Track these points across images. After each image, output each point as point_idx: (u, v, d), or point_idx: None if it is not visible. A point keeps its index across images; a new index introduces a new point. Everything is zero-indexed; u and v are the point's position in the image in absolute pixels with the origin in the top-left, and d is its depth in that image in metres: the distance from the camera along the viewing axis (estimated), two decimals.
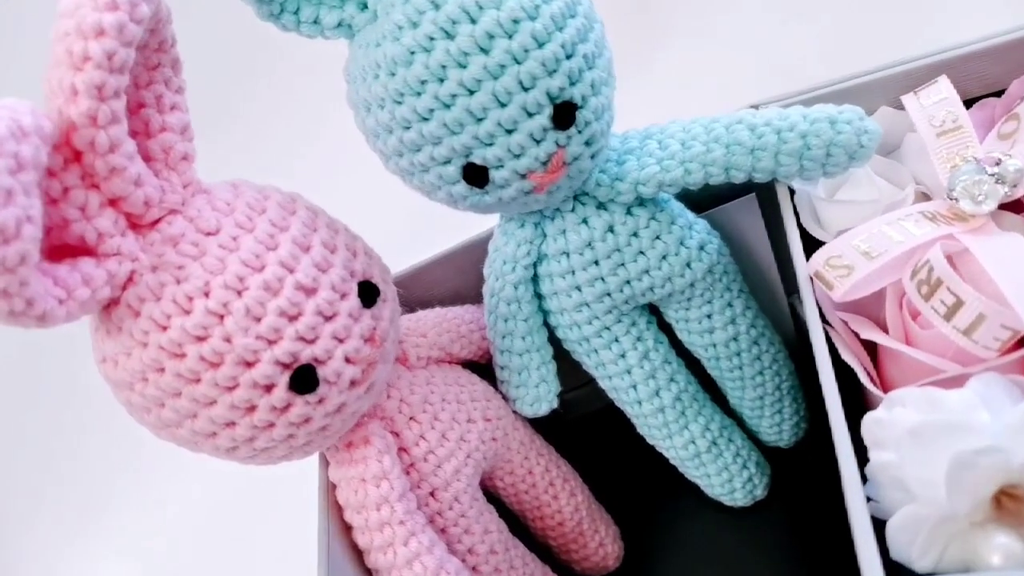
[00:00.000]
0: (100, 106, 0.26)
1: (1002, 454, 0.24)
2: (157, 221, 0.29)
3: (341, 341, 0.30)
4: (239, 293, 0.28)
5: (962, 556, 0.25)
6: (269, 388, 0.29)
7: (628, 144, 0.37)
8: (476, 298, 0.44)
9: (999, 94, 0.37)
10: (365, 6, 0.32)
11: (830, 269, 0.32)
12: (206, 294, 0.28)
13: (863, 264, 0.31)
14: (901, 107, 0.38)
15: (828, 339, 0.33)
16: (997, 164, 0.32)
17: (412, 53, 0.31)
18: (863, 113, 0.35)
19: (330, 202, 0.35)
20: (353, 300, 0.31)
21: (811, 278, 0.33)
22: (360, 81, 0.33)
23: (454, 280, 0.44)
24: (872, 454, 0.28)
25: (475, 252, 0.42)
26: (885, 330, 0.33)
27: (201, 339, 0.28)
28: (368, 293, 0.32)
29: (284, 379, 0.29)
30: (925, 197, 0.36)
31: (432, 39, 0.30)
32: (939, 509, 0.25)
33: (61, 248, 0.28)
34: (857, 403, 0.34)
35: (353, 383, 0.31)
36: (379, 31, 0.32)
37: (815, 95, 0.39)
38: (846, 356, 0.32)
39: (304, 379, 0.29)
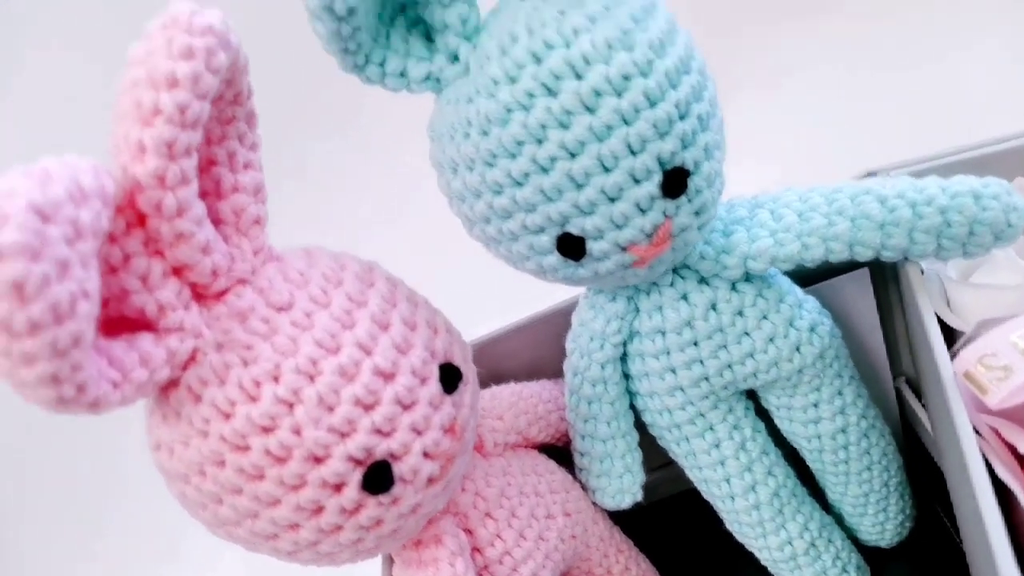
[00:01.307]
0: (169, 165, 0.23)
1: None
2: (224, 292, 0.26)
3: (419, 433, 0.26)
4: (312, 379, 0.25)
5: None
6: (339, 487, 0.25)
7: (735, 213, 0.33)
8: (554, 372, 0.40)
9: None
10: (456, 58, 0.29)
11: (984, 370, 0.27)
12: (276, 379, 0.25)
13: (1023, 366, 0.27)
14: None
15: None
16: None
17: (509, 111, 0.27)
18: (1011, 187, 0.31)
19: (400, 264, 0.32)
20: (433, 386, 0.27)
21: (961, 377, 0.29)
22: (447, 139, 0.30)
23: (531, 352, 0.41)
24: None
25: (555, 323, 0.39)
26: None
27: (268, 430, 0.25)
28: (449, 377, 0.28)
29: (356, 477, 0.25)
30: None
31: (532, 96, 0.27)
32: None
33: (117, 320, 0.25)
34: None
35: (430, 480, 0.27)
36: (472, 86, 0.29)
37: (942, 163, 0.35)
38: (1001, 472, 0.27)
39: (378, 477, 0.25)
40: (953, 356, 0.32)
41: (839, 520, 0.42)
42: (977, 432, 0.29)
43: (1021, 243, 0.34)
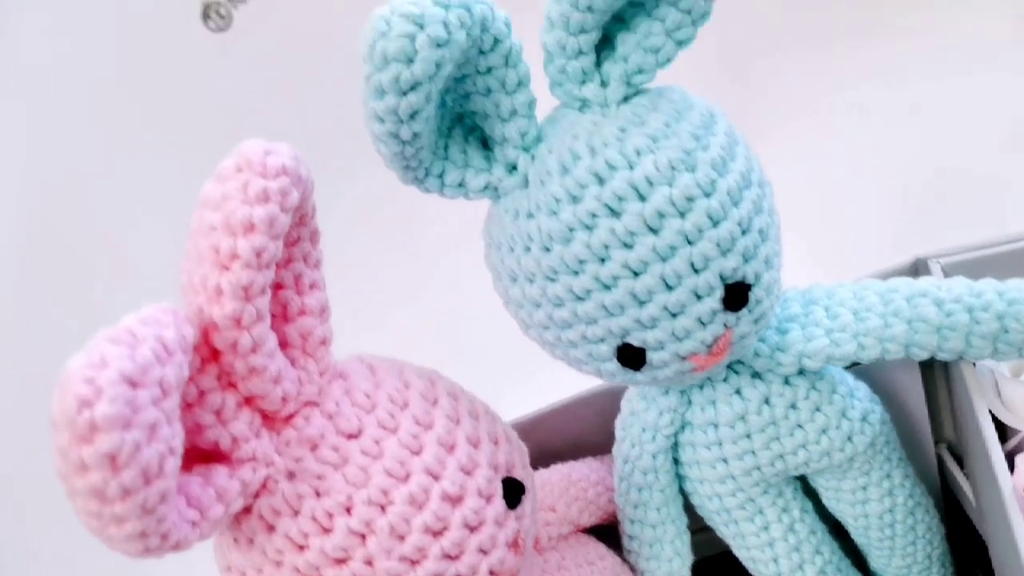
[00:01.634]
0: (246, 306, 0.24)
1: None
2: (293, 415, 0.27)
3: (486, 553, 0.27)
4: (383, 509, 0.25)
5: None
6: None
7: (789, 309, 0.33)
8: (597, 447, 0.40)
9: None
10: (514, 169, 0.30)
11: None
12: (348, 510, 0.25)
13: None
14: None
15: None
16: None
17: (571, 230, 0.28)
18: None
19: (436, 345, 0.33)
20: (498, 503, 0.28)
21: (1020, 490, 0.29)
22: (506, 250, 0.30)
23: (574, 428, 0.41)
24: None
25: (598, 403, 0.39)
26: None
27: (341, 562, 0.25)
28: (512, 491, 0.28)
29: None
30: None
31: (595, 216, 0.27)
32: None
33: (189, 451, 0.25)
34: None
35: None
36: (532, 200, 0.29)
37: (996, 251, 0.35)
38: None
39: None
40: (1008, 456, 0.32)
41: None
42: None
43: None
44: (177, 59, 0.64)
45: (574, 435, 0.41)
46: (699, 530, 0.43)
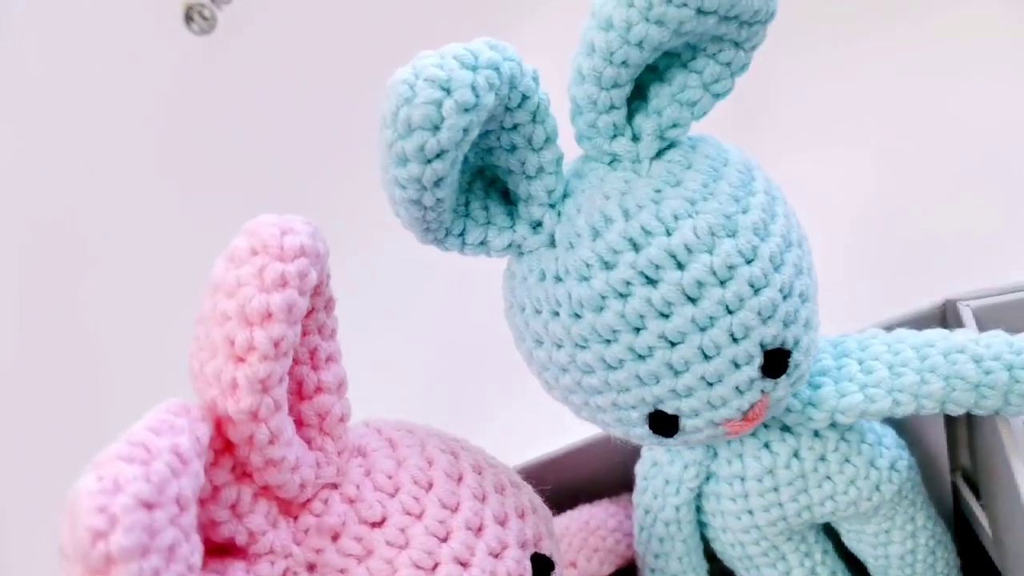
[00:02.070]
0: (263, 399, 0.22)
1: None
2: (311, 499, 0.25)
3: None
4: None
5: None
6: None
7: (821, 362, 0.32)
8: (615, 485, 0.39)
9: None
10: (539, 226, 0.28)
11: None
12: None
13: None
14: None
15: None
16: None
17: (604, 298, 0.26)
18: None
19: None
20: None
21: None
22: (531, 312, 0.28)
23: (589, 467, 0.40)
24: None
25: (617, 443, 0.38)
26: None
27: None
28: (541, 568, 0.27)
29: None
30: None
31: (629, 284, 0.26)
32: None
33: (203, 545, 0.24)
34: None
35: None
36: (560, 263, 0.27)
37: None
38: None
39: None
40: None
41: None
42: None
43: None
44: (160, 63, 0.61)
45: (591, 475, 0.40)
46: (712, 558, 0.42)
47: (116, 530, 0.18)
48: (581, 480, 0.40)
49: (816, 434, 0.33)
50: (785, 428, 0.33)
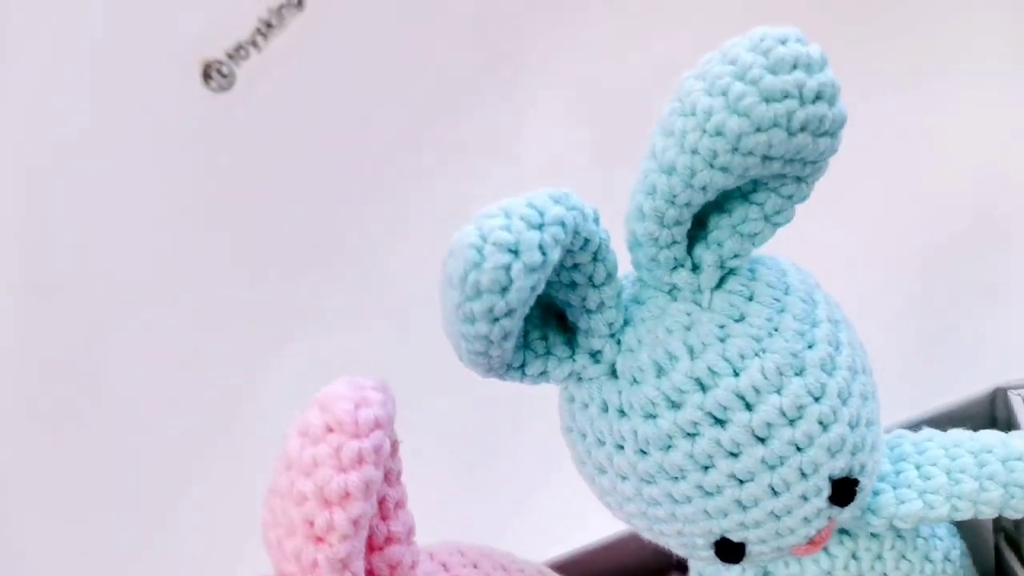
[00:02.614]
0: (344, 574, 0.22)
1: None
2: None
3: None
4: None
5: None
6: None
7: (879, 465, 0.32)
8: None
9: None
10: (599, 356, 0.28)
11: None
12: None
13: None
14: None
15: None
16: None
17: (671, 437, 0.26)
18: None
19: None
20: None
21: None
22: (592, 441, 0.28)
23: (616, 562, 0.40)
24: None
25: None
26: None
27: None
28: None
29: None
30: None
31: (697, 425, 0.26)
32: None
33: None
34: None
35: None
36: (624, 398, 0.27)
37: None
38: None
39: None
40: None
41: None
42: None
43: None
44: (180, 121, 0.60)
45: (616, 567, 0.40)
46: None
47: None
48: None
49: (873, 535, 0.33)
50: (843, 531, 0.33)
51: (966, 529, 0.41)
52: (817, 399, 0.26)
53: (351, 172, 0.62)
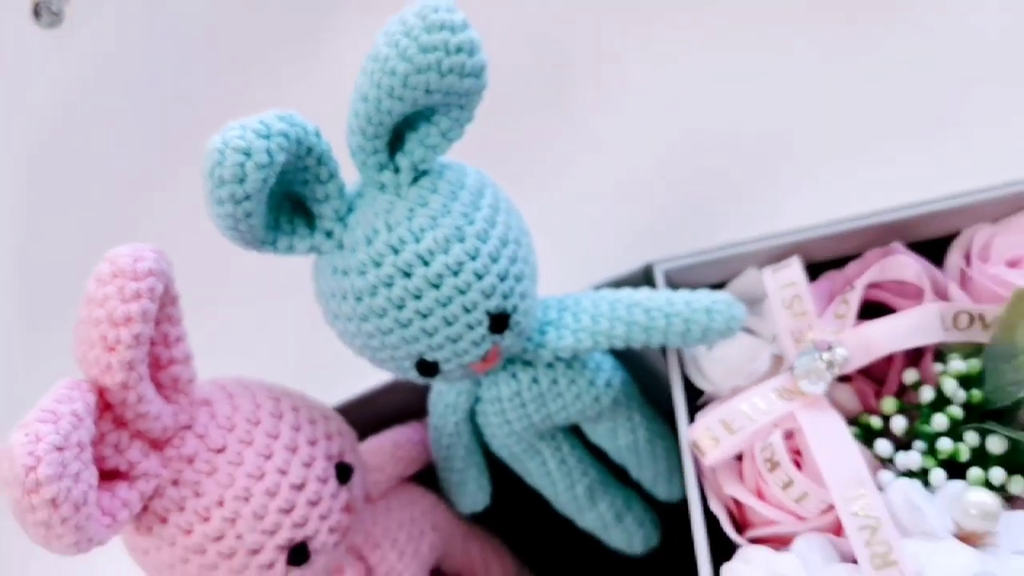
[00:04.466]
0: (130, 374, 0.33)
1: None
2: (171, 437, 0.36)
3: (325, 518, 0.38)
4: (246, 500, 0.36)
5: None
6: (271, 566, 0.37)
7: (548, 315, 0.45)
8: (421, 411, 0.52)
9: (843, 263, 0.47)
10: (331, 234, 0.39)
11: (704, 439, 0.41)
12: (220, 504, 0.35)
13: (726, 436, 0.41)
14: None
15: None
16: (829, 350, 0.42)
17: (375, 287, 0.38)
18: (733, 300, 0.44)
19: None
20: (332, 483, 0.39)
21: (689, 444, 0.43)
22: (328, 296, 0.40)
23: (399, 399, 0.52)
24: None
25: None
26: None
27: (218, 539, 0.35)
28: (343, 472, 0.39)
29: (282, 558, 0.37)
30: (779, 359, 0.45)
31: (392, 277, 0.37)
32: None
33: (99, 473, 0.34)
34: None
35: (335, 544, 0.39)
36: (346, 262, 0.38)
37: (711, 257, 0.48)
38: (713, 506, 0.42)
39: (298, 555, 0.37)
40: (701, 407, 0.46)
41: (639, 488, 0.57)
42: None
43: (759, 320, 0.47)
44: (9, 59, 0.66)
45: (399, 403, 0.52)
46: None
47: (41, 464, 0.29)
48: (393, 409, 0.52)
49: (549, 364, 0.46)
50: (526, 362, 0.46)
51: (651, 386, 0.55)
52: (473, 258, 0.38)
53: (184, 106, 0.69)
